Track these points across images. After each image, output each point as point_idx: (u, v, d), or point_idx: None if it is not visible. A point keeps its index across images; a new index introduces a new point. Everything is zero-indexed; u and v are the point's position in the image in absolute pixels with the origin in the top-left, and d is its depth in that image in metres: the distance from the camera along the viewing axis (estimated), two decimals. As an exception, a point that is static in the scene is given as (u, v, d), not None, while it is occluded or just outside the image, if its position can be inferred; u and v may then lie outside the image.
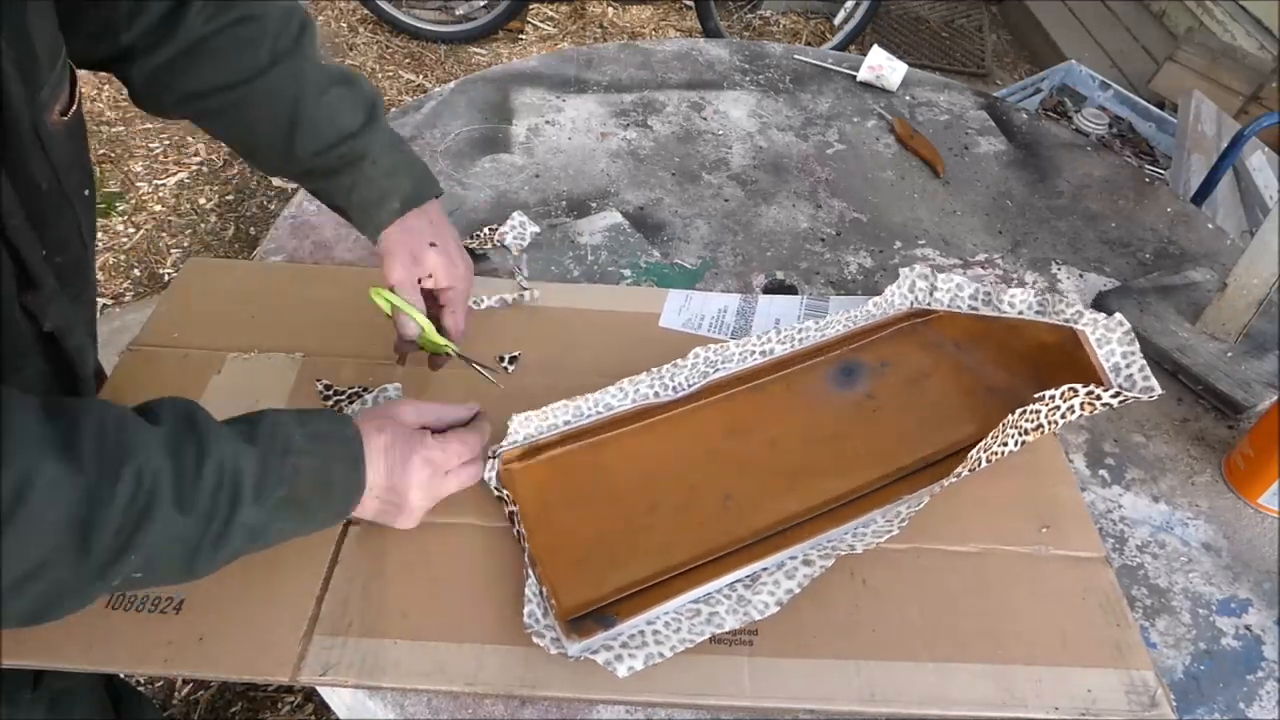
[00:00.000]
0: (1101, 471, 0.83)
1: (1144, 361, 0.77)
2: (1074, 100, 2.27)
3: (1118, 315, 0.78)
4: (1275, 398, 0.87)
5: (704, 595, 0.66)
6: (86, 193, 0.65)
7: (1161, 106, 2.30)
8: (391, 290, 0.74)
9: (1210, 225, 1.16)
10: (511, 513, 0.70)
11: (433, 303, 0.78)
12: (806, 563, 0.67)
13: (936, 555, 0.71)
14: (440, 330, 0.78)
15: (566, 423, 0.76)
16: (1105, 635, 0.67)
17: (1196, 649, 0.70)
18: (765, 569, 0.68)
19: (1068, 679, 0.64)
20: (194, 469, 0.52)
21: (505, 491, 0.71)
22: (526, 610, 0.64)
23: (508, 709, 0.62)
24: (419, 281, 0.75)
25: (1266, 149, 1.89)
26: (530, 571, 0.66)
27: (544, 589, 0.65)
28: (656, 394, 0.79)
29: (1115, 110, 2.22)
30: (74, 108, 0.60)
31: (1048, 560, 0.71)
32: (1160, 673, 0.65)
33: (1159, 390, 0.75)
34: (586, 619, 0.65)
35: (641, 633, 0.63)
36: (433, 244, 0.75)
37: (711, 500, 0.74)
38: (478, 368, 0.72)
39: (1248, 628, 0.72)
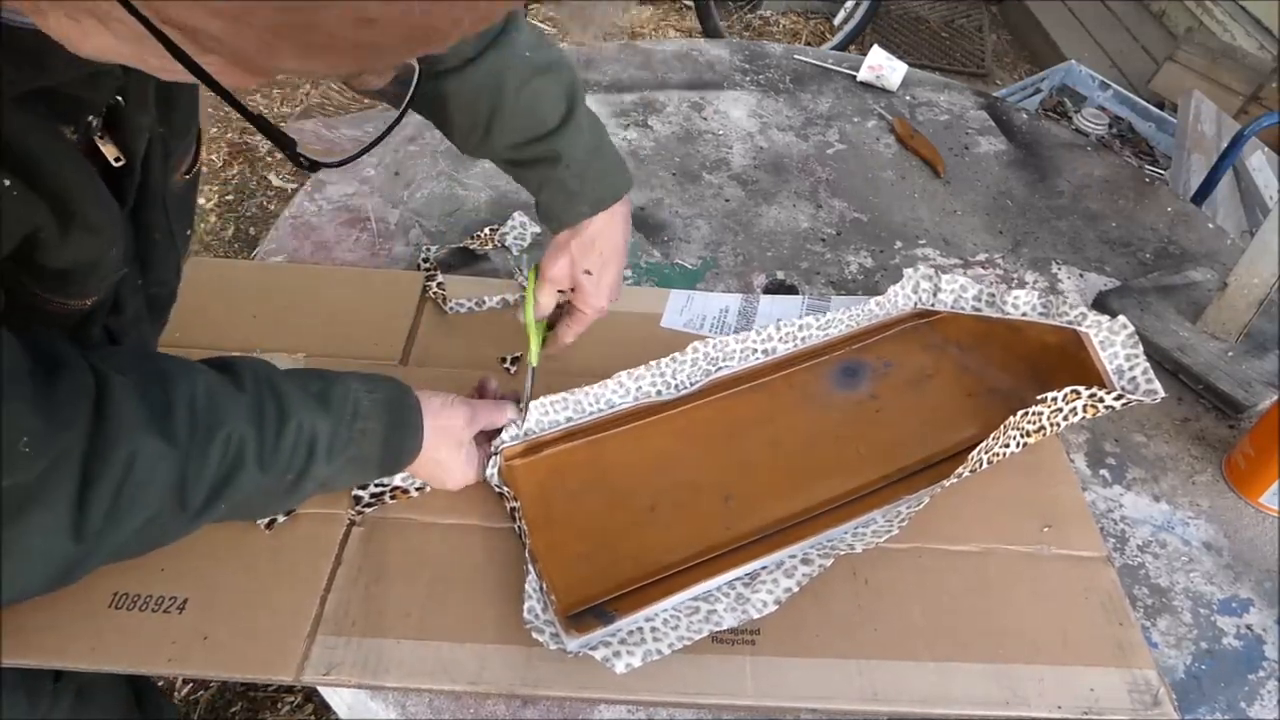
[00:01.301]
0: (1102, 471, 0.83)
1: (1147, 364, 0.77)
2: (1074, 100, 2.27)
3: (1121, 318, 0.78)
4: (1275, 397, 0.87)
5: (703, 593, 0.66)
6: (189, 232, 0.69)
7: (1161, 106, 2.30)
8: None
9: (1210, 225, 1.16)
10: (513, 509, 0.70)
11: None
12: (805, 561, 0.67)
13: (938, 555, 0.71)
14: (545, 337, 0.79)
15: (569, 419, 0.76)
16: (1107, 634, 0.67)
17: (1198, 648, 0.70)
18: (764, 567, 0.68)
19: (1070, 678, 0.64)
20: (275, 434, 0.58)
21: (507, 488, 0.71)
22: (526, 606, 0.64)
23: (510, 709, 0.63)
24: (560, 291, 0.77)
25: (1266, 149, 1.89)
26: (531, 567, 0.66)
27: (544, 585, 0.65)
28: (659, 391, 0.79)
29: (1115, 110, 2.22)
30: (196, 166, 0.64)
31: (1049, 559, 0.72)
32: (1162, 672, 0.65)
33: (1162, 393, 0.75)
34: (586, 615, 0.65)
35: (640, 629, 0.63)
36: (588, 271, 0.75)
37: (712, 499, 0.74)
38: (527, 394, 0.74)
39: (1249, 627, 0.72)
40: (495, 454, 0.73)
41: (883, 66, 1.36)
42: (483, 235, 1.00)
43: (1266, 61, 2.25)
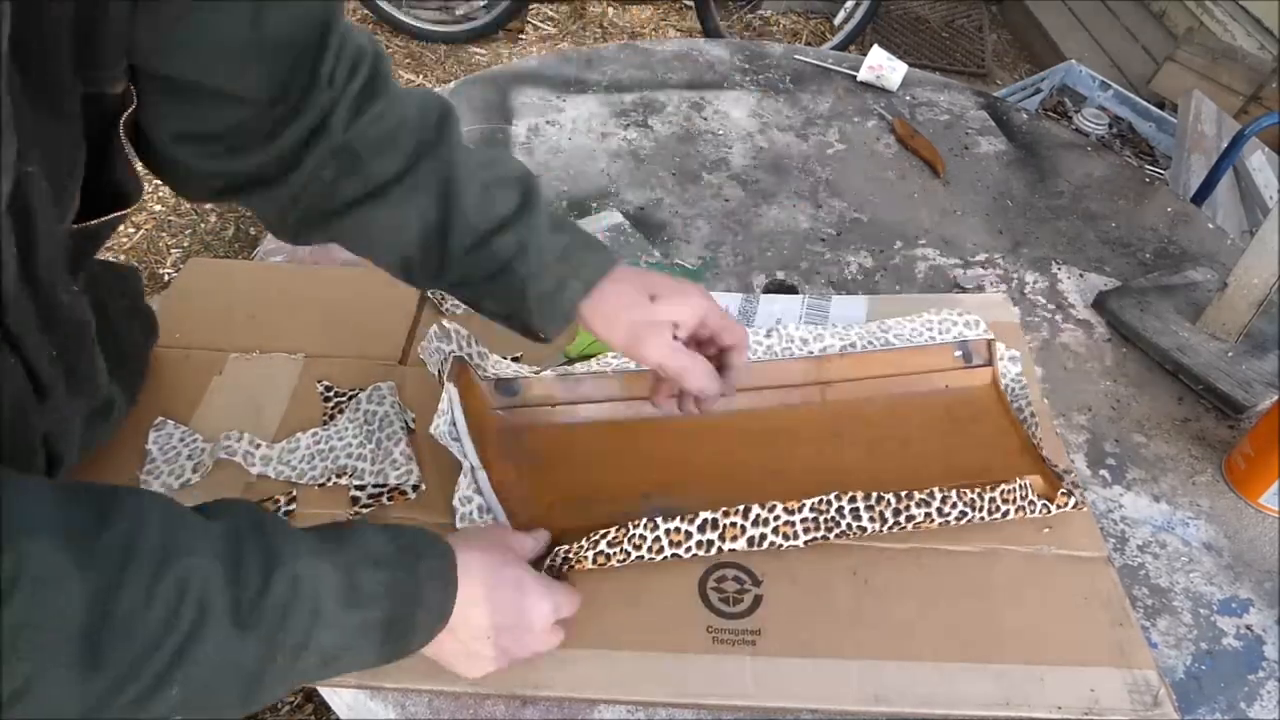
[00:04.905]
0: (1102, 471, 0.83)
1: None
2: (1074, 100, 2.27)
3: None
4: (1275, 397, 0.87)
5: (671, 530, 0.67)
6: (75, 287, 0.57)
7: (1161, 106, 2.30)
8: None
9: (1210, 225, 1.16)
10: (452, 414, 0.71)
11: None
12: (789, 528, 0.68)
13: (938, 555, 0.71)
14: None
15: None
16: (1107, 635, 0.67)
17: (1197, 649, 0.70)
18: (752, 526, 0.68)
19: (1070, 678, 0.64)
20: (260, 577, 0.44)
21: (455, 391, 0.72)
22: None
23: (509, 709, 0.62)
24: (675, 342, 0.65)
25: (1266, 149, 1.89)
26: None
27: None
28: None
29: (1115, 110, 2.21)
30: (82, 218, 0.54)
31: (1050, 560, 0.71)
32: (1162, 672, 0.65)
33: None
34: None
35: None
36: (647, 305, 0.63)
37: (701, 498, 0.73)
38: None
39: (1248, 627, 0.72)
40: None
41: (883, 66, 1.36)
42: (482, 235, 1.00)
43: (1266, 61, 2.25)
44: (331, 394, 0.81)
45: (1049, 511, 0.72)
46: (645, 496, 0.73)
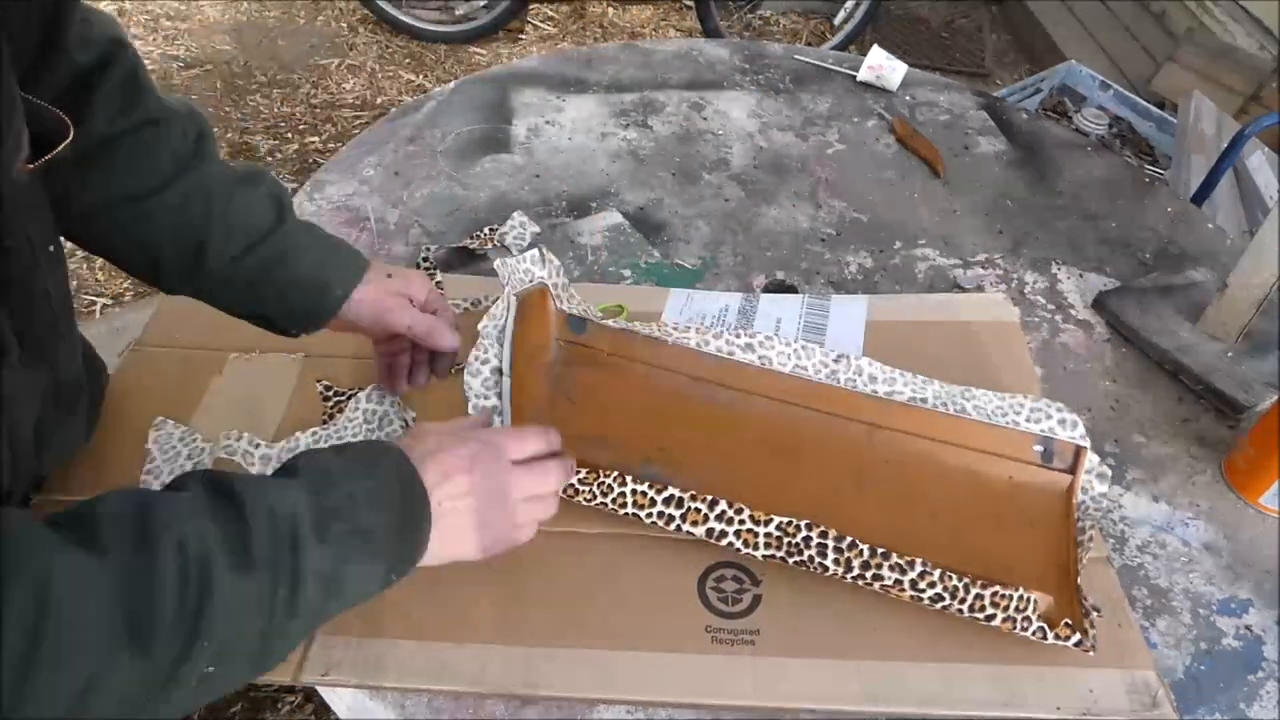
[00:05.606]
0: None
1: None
2: (1074, 100, 2.27)
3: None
4: (1275, 398, 0.87)
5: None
6: (52, 249, 0.58)
7: (1161, 106, 2.30)
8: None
9: (1210, 225, 1.16)
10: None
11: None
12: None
13: (937, 555, 0.71)
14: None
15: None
16: (1107, 635, 0.66)
17: (1197, 649, 0.70)
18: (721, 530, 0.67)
19: (1069, 679, 0.64)
20: (237, 522, 0.46)
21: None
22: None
23: (509, 709, 0.62)
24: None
25: (1266, 149, 1.89)
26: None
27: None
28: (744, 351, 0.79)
29: (1115, 110, 2.22)
30: (41, 156, 0.52)
31: (1049, 560, 0.71)
32: (1161, 672, 0.65)
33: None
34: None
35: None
36: (397, 299, 0.71)
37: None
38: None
39: (1248, 628, 0.72)
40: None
41: (883, 66, 1.36)
42: (482, 235, 1.00)
43: (1266, 61, 2.25)
44: (331, 394, 0.81)
45: (1044, 637, 0.63)
46: (646, 460, 0.73)
